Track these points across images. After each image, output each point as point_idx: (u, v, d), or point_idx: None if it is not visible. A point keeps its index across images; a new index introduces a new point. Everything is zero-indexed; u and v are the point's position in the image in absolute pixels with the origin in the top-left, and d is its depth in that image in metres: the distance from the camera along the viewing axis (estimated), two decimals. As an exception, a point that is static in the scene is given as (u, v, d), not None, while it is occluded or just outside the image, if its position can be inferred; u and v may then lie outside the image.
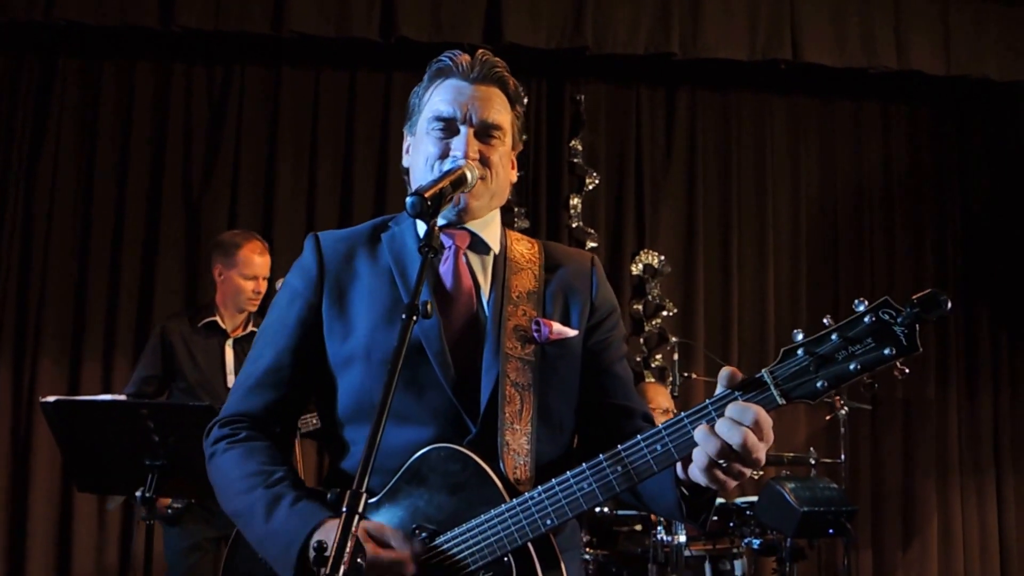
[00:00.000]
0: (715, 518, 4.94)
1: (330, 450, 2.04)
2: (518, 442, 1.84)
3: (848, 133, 7.01)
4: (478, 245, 2.03)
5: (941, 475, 6.71)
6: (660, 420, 5.24)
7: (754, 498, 5.03)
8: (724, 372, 1.65)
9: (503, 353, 1.89)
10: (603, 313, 2.06)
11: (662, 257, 6.61)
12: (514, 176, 2.11)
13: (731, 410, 1.59)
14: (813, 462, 5.26)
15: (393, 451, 1.81)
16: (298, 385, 1.99)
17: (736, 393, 1.62)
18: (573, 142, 6.66)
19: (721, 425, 1.59)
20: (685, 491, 1.76)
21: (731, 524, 5.01)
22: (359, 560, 1.53)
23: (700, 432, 1.61)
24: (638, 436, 1.70)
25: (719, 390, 1.65)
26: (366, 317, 1.94)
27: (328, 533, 1.70)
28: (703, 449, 1.61)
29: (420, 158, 2.00)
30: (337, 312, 1.96)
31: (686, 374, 5.77)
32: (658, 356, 6.49)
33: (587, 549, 4.88)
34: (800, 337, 1.58)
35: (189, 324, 4.76)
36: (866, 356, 1.53)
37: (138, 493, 3.82)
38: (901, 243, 6.92)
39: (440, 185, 1.82)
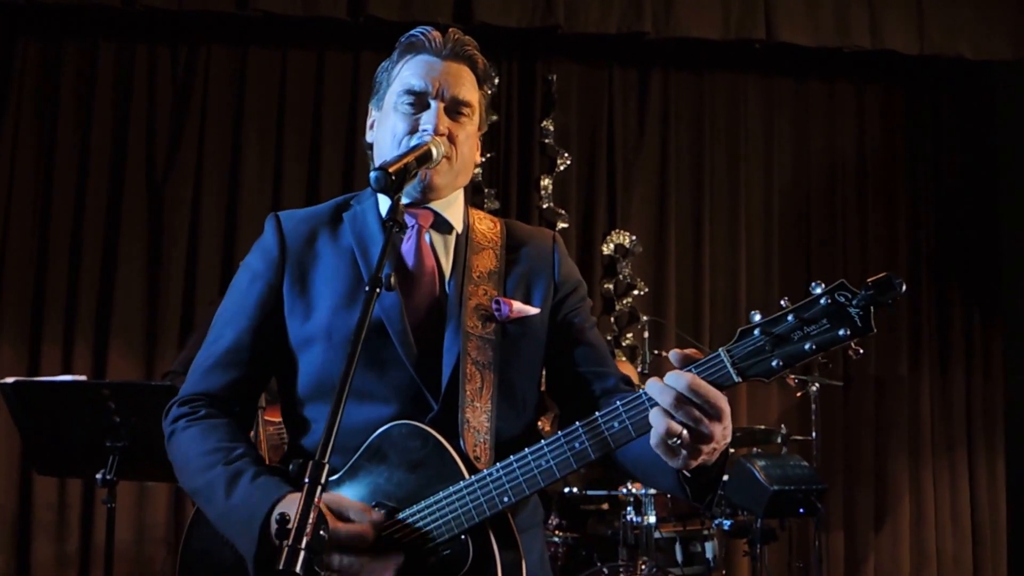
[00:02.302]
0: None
1: (290, 430, 2.03)
2: (478, 419, 1.85)
3: (822, 113, 6.97)
4: (441, 224, 2.03)
5: (913, 453, 6.71)
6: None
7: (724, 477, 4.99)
8: (674, 352, 1.66)
9: (464, 331, 1.89)
10: (567, 288, 2.07)
11: (634, 237, 6.57)
12: (479, 157, 2.11)
13: (668, 377, 1.61)
14: (782, 439, 5.25)
15: (355, 429, 1.81)
16: (258, 365, 1.99)
17: (692, 369, 1.63)
18: (544, 122, 6.60)
19: (670, 375, 1.63)
20: (687, 473, 1.73)
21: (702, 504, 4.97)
22: (322, 532, 1.50)
23: (654, 412, 1.62)
24: (596, 413, 1.71)
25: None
26: (327, 297, 1.93)
27: (290, 506, 1.70)
28: (654, 425, 1.62)
29: (387, 134, 1.99)
30: (298, 292, 1.95)
31: (656, 351, 5.75)
32: (629, 335, 6.45)
33: (556, 532, 4.86)
34: (757, 318, 1.61)
35: None
36: (821, 336, 1.56)
37: (99, 475, 3.78)
38: (874, 222, 6.90)
39: (405, 160, 1.80)
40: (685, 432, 1.59)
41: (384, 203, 2.01)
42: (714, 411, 1.60)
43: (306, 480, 1.49)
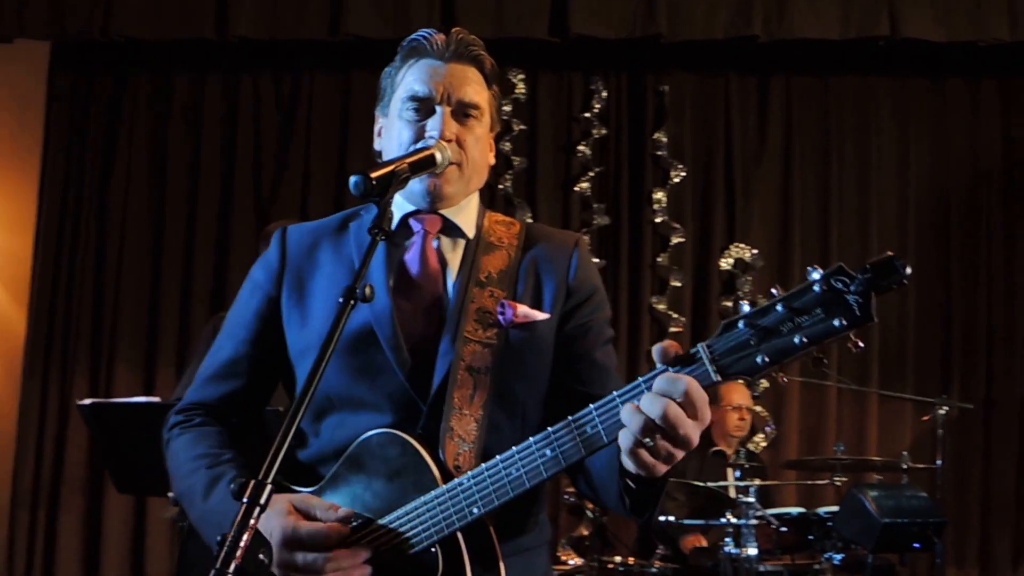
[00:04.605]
0: (784, 529, 4.59)
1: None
2: (465, 428, 1.77)
3: (962, 113, 6.41)
4: (451, 229, 1.95)
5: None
6: (738, 417, 4.97)
7: (836, 507, 4.64)
8: (657, 347, 1.54)
9: (461, 336, 1.81)
10: (581, 296, 1.93)
11: (754, 251, 6.21)
12: (491, 159, 2.01)
13: (659, 383, 1.49)
14: (905, 467, 4.85)
15: (350, 438, 1.78)
16: (257, 377, 1.97)
17: (670, 369, 1.52)
18: (656, 134, 6.33)
19: (646, 399, 1.49)
20: (630, 483, 1.64)
21: (811, 536, 4.65)
22: (261, 556, 1.46)
23: (625, 410, 1.51)
24: (568, 417, 1.61)
25: (658, 366, 1.55)
26: (323, 307, 1.89)
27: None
28: (627, 428, 1.50)
29: (393, 142, 1.93)
30: (295, 303, 1.92)
31: (783, 375, 5.41)
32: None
33: (656, 563, 4.68)
34: (746, 309, 1.49)
35: None
36: (814, 328, 1.42)
37: (171, 494, 3.82)
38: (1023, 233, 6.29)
39: (394, 166, 1.73)
40: (660, 436, 1.49)
41: (396, 204, 1.93)
42: (700, 416, 1.49)
43: (244, 501, 1.44)
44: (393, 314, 1.83)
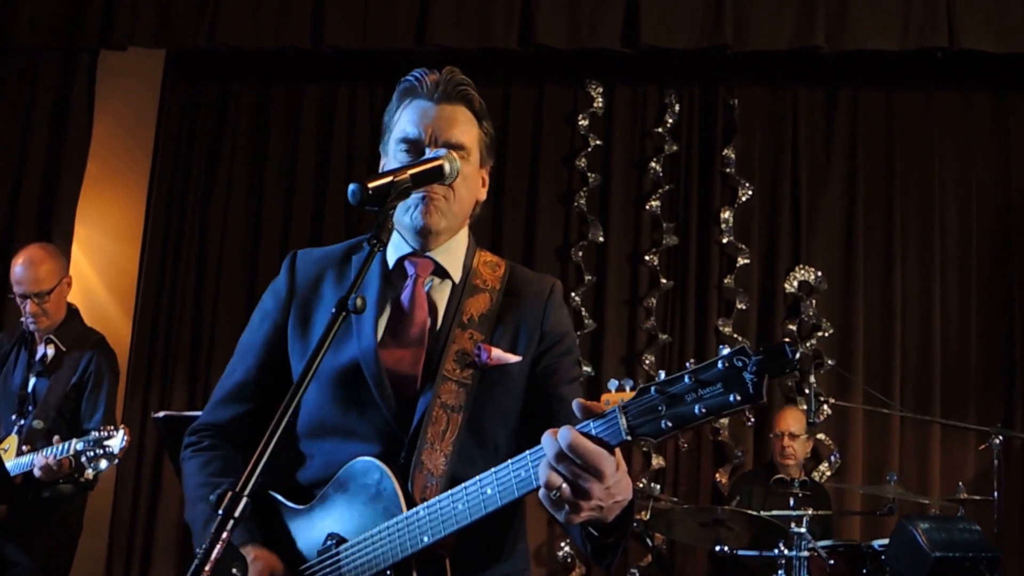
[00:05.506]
0: (831, 562, 4.61)
1: (287, 462, 2.11)
2: (434, 462, 1.91)
3: (1026, 129, 6.36)
4: (440, 271, 2.09)
5: None
6: (782, 444, 4.94)
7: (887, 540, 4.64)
8: (576, 402, 1.66)
9: (440, 375, 1.96)
10: (552, 340, 2.09)
11: (819, 273, 6.26)
12: (483, 194, 2.16)
13: (546, 439, 1.63)
14: (962, 499, 4.82)
15: (341, 463, 1.95)
16: (264, 400, 2.07)
17: (590, 424, 1.63)
18: (726, 151, 6.39)
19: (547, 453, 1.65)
20: (593, 531, 1.77)
21: (864, 571, 4.66)
22: (234, 571, 1.63)
23: (542, 464, 1.66)
24: (508, 461, 1.75)
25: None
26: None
27: (246, 553, 1.88)
28: (539, 476, 1.66)
29: None
30: (299, 333, 2.07)
31: (831, 400, 5.45)
32: (812, 380, 6.04)
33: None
34: (662, 376, 1.61)
35: None
36: (713, 400, 1.53)
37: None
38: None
39: (392, 176, 1.84)
40: (565, 486, 1.61)
41: (393, 244, 2.08)
42: (593, 470, 1.60)
43: (219, 513, 1.54)
44: (378, 353, 1.97)
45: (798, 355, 1.48)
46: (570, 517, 1.64)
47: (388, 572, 1.81)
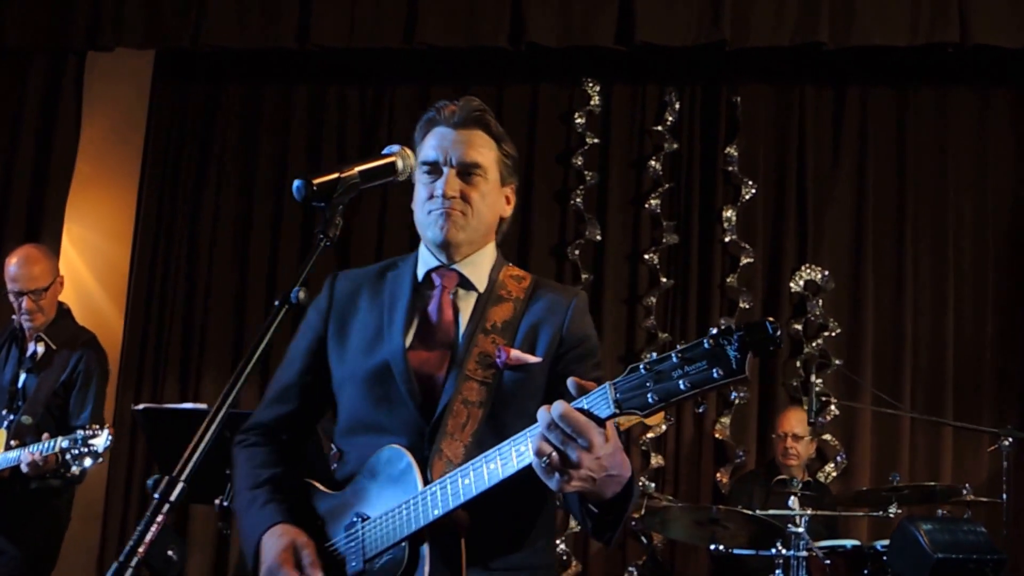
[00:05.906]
0: (828, 562, 4.46)
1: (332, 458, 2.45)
2: (454, 451, 2.05)
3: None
4: (466, 283, 2.24)
5: None
6: (784, 445, 4.87)
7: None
8: (571, 380, 1.76)
9: (463, 375, 2.11)
10: (572, 343, 2.20)
11: (826, 272, 6.10)
12: (507, 211, 2.31)
13: (541, 412, 1.73)
14: (968, 499, 4.66)
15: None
16: (307, 402, 2.31)
17: (582, 400, 1.73)
18: (728, 149, 6.26)
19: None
20: (592, 507, 1.89)
21: (865, 571, 4.52)
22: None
23: (535, 434, 1.77)
24: (510, 438, 1.86)
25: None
26: (357, 345, 2.23)
27: (272, 536, 2.07)
28: (531, 445, 1.78)
29: (416, 203, 2.25)
30: (337, 342, 2.26)
31: (835, 401, 5.32)
32: (819, 381, 5.90)
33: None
34: (654, 356, 1.67)
35: None
36: (697, 376, 1.60)
37: (216, 501, 3.91)
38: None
39: (338, 173, 1.96)
40: (554, 453, 1.71)
41: (422, 259, 2.26)
42: (581, 438, 1.69)
43: (155, 496, 1.60)
44: (406, 353, 2.15)
45: (779, 332, 1.55)
46: (562, 485, 1.73)
47: (403, 543, 1.97)
